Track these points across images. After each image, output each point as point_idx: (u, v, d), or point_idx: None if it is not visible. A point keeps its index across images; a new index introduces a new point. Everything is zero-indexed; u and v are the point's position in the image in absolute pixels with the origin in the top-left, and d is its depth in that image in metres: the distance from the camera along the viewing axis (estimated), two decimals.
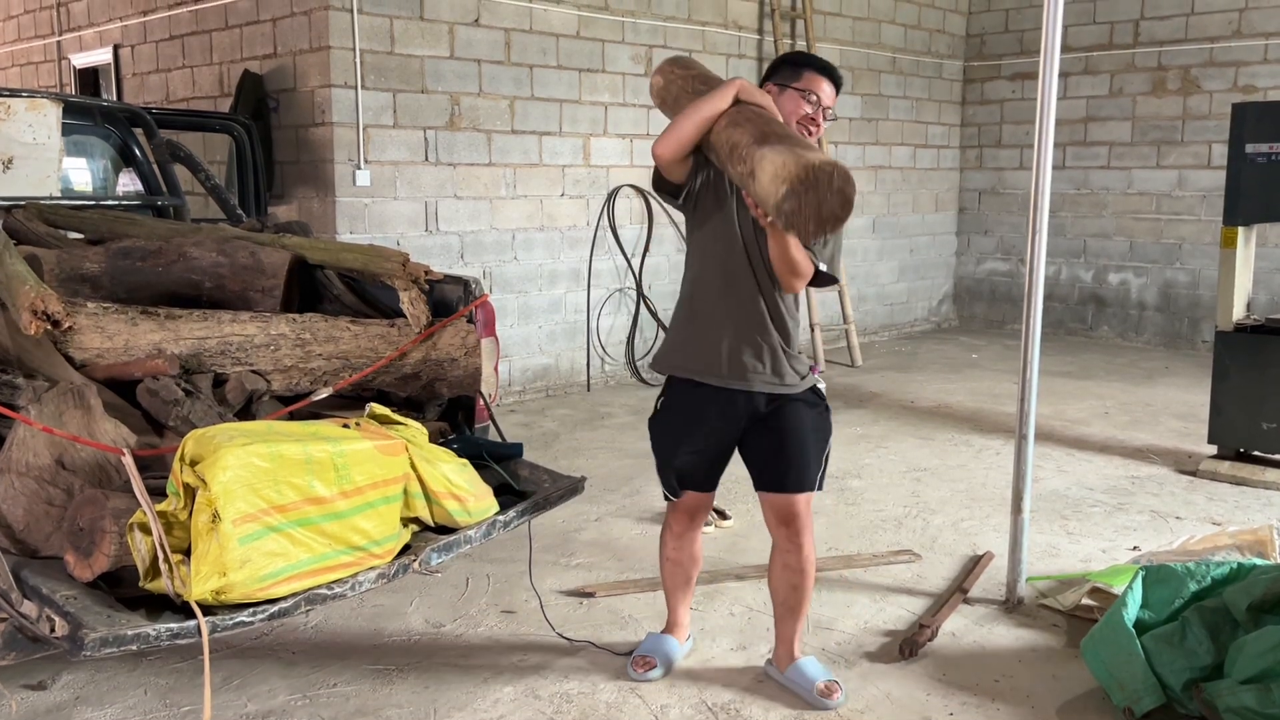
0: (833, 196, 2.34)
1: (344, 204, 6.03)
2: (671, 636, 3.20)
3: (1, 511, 2.30)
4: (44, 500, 2.32)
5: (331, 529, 2.43)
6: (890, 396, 7.10)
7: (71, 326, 2.42)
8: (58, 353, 2.68)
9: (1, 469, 2.34)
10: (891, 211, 9.54)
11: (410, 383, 3.08)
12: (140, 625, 2.14)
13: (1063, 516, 4.61)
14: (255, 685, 3.06)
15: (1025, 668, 3.20)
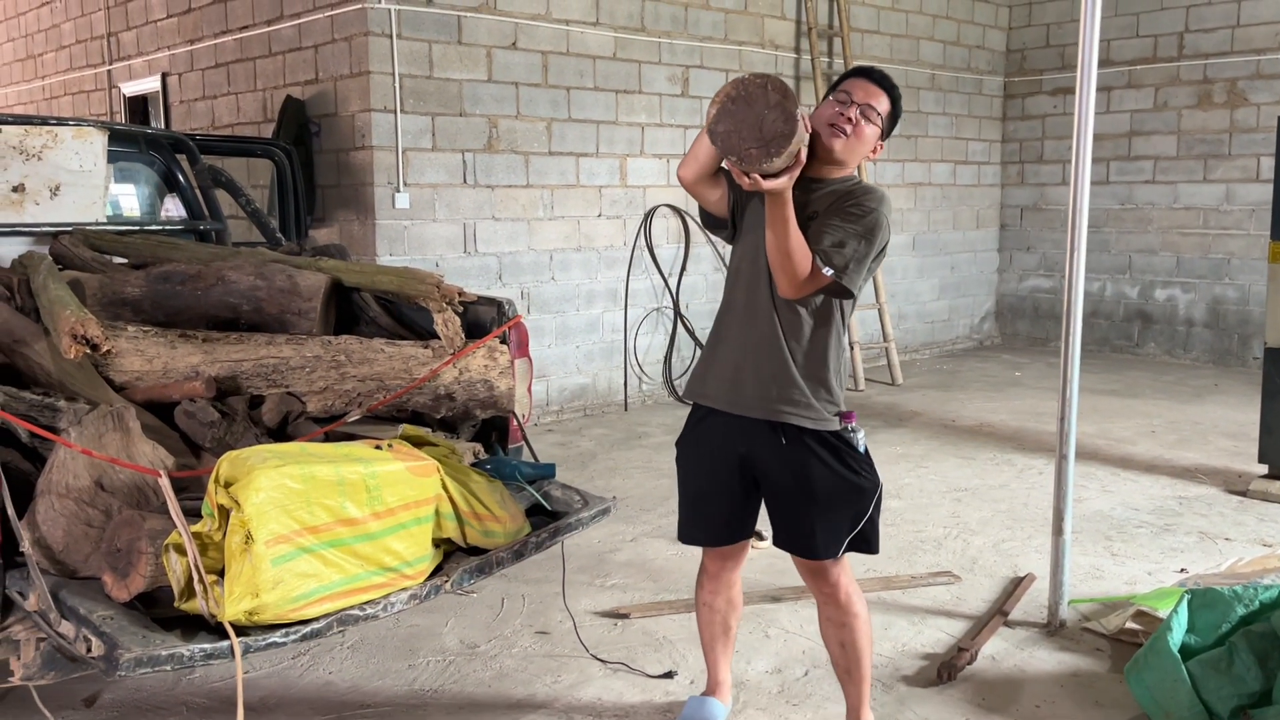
0: (770, 111, 2.19)
1: (384, 226, 6.10)
2: (714, 699, 2.94)
3: (42, 532, 2.34)
4: (83, 521, 2.35)
5: (364, 550, 2.44)
6: (931, 415, 7.03)
7: (111, 350, 2.47)
8: (99, 376, 2.73)
9: (42, 491, 2.38)
10: (931, 229, 9.47)
11: (444, 403, 3.10)
12: (174, 646, 2.16)
13: (1107, 538, 4.53)
14: (290, 706, 3.08)
15: (1066, 693, 3.14)
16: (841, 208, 2.49)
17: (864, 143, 2.52)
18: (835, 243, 2.44)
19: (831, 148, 2.50)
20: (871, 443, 2.74)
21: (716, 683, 2.96)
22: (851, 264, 2.44)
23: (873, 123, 2.52)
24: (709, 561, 2.85)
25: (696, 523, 2.78)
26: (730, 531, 2.76)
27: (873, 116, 2.52)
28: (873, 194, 2.54)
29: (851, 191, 2.54)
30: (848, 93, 2.52)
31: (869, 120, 2.51)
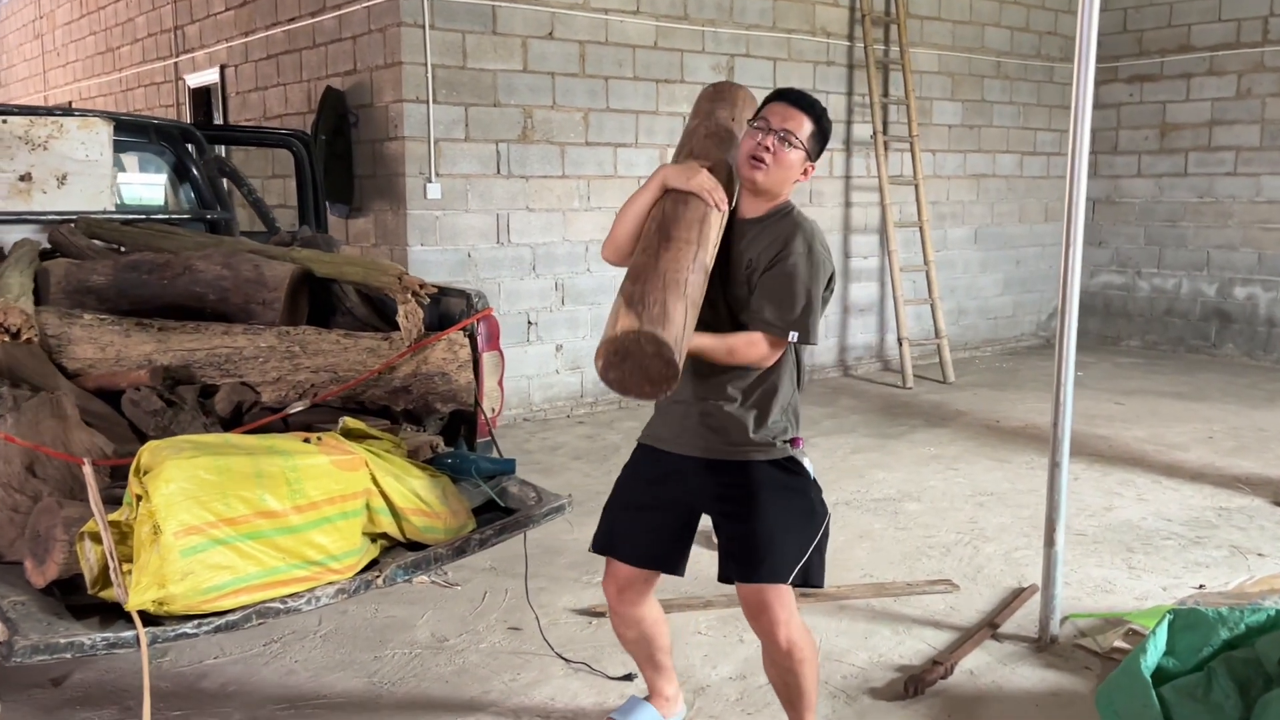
0: (651, 361, 2.17)
1: (415, 216, 6.13)
2: (651, 705, 2.85)
3: None
4: (9, 507, 2.39)
5: (285, 543, 2.43)
6: (976, 415, 6.79)
7: (30, 339, 2.51)
8: (49, 363, 2.78)
9: None
10: (995, 221, 9.15)
11: (400, 396, 3.08)
12: (75, 634, 2.18)
13: (1129, 549, 4.30)
14: (249, 695, 3.10)
15: (1041, 712, 2.98)
16: (776, 265, 2.44)
17: (786, 169, 2.46)
18: (784, 307, 2.43)
19: (753, 179, 2.47)
20: (908, 443, 2.68)
21: (655, 693, 2.88)
22: (808, 319, 2.44)
23: (794, 147, 2.45)
24: (613, 591, 2.68)
25: (626, 533, 2.66)
26: (657, 554, 2.65)
27: (793, 140, 2.45)
28: (801, 233, 2.47)
29: (783, 238, 2.46)
30: (765, 119, 2.47)
31: (789, 145, 2.44)
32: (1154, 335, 9.39)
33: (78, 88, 11.54)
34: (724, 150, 2.60)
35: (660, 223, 2.40)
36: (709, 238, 2.41)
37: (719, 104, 2.73)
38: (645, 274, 2.28)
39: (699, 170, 2.45)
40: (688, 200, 2.42)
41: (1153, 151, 9.26)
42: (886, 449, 5.86)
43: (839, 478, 5.29)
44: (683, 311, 2.25)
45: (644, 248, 2.38)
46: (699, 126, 2.68)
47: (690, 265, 2.31)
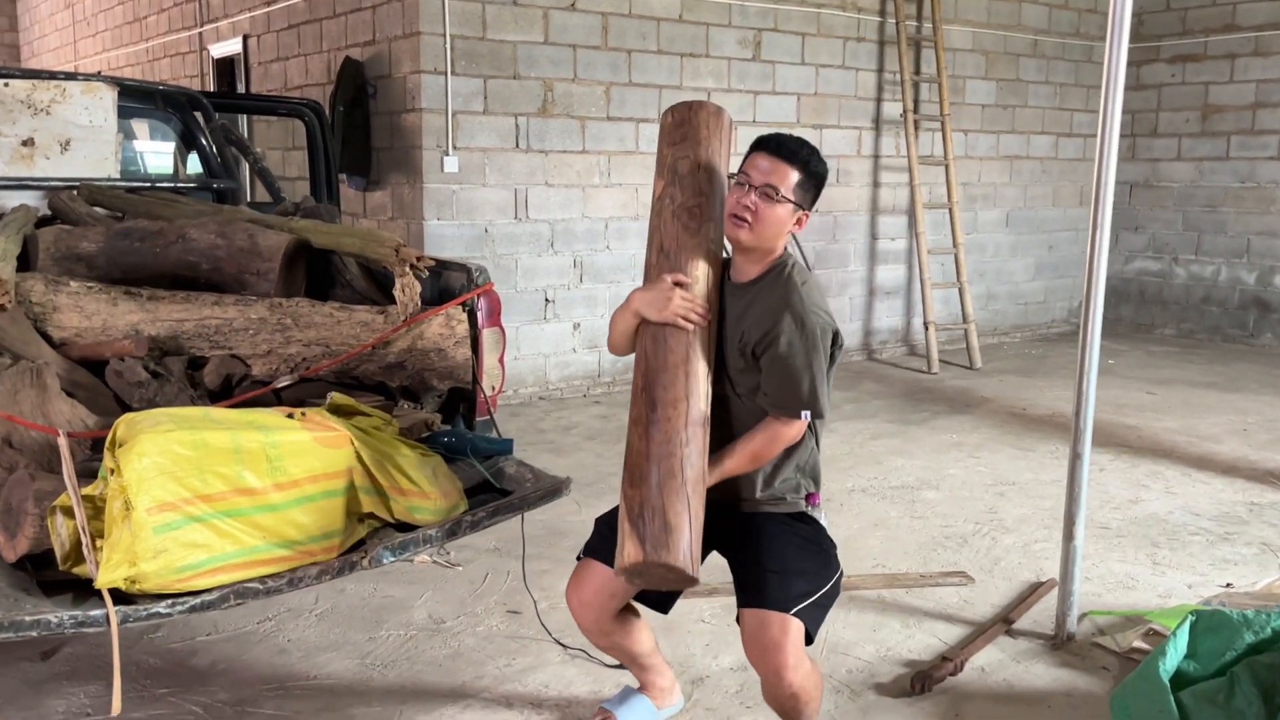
0: (667, 573, 2.19)
1: (431, 190, 6.04)
2: (643, 695, 2.75)
3: None
4: None
5: (264, 521, 2.36)
6: (1001, 402, 6.62)
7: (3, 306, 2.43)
8: (34, 331, 2.71)
9: None
10: (1028, 205, 8.93)
11: (396, 372, 2.99)
12: (42, 612, 2.11)
13: (1154, 544, 4.15)
14: (238, 673, 3.04)
15: (1053, 714, 2.85)
16: (770, 349, 2.32)
17: (772, 225, 2.32)
18: (789, 391, 2.32)
19: (737, 239, 2.36)
20: (930, 430, 2.56)
21: (647, 685, 2.76)
22: (816, 396, 2.34)
23: (779, 202, 2.31)
24: (577, 601, 2.53)
25: (596, 540, 2.54)
26: None
27: (776, 196, 2.30)
28: (789, 309, 2.32)
29: (773, 314, 2.33)
30: (747, 174, 2.33)
31: (772, 200, 2.30)
32: (1190, 324, 9.15)
33: (106, 58, 11.53)
34: (699, 226, 2.39)
35: (645, 379, 2.33)
36: (697, 371, 2.31)
37: (681, 148, 2.47)
38: (639, 469, 2.24)
39: (670, 293, 2.32)
40: (666, 337, 2.32)
41: (1194, 134, 8.99)
42: (907, 435, 5.72)
43: (856, 464, 5.16)
44: (684, 506, 2.20)
45: (634, 420, 2.32)
46: (664, 196, 2.46)
47: (683, 435, 2.25)
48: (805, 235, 7.46)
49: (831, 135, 7.56)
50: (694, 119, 2.49)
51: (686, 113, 2.50)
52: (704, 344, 2.34)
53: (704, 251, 2.39)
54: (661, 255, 2.39)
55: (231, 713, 2.82)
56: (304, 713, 2.82)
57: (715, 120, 2.50)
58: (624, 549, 2.19)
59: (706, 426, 2.30)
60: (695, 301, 2.34)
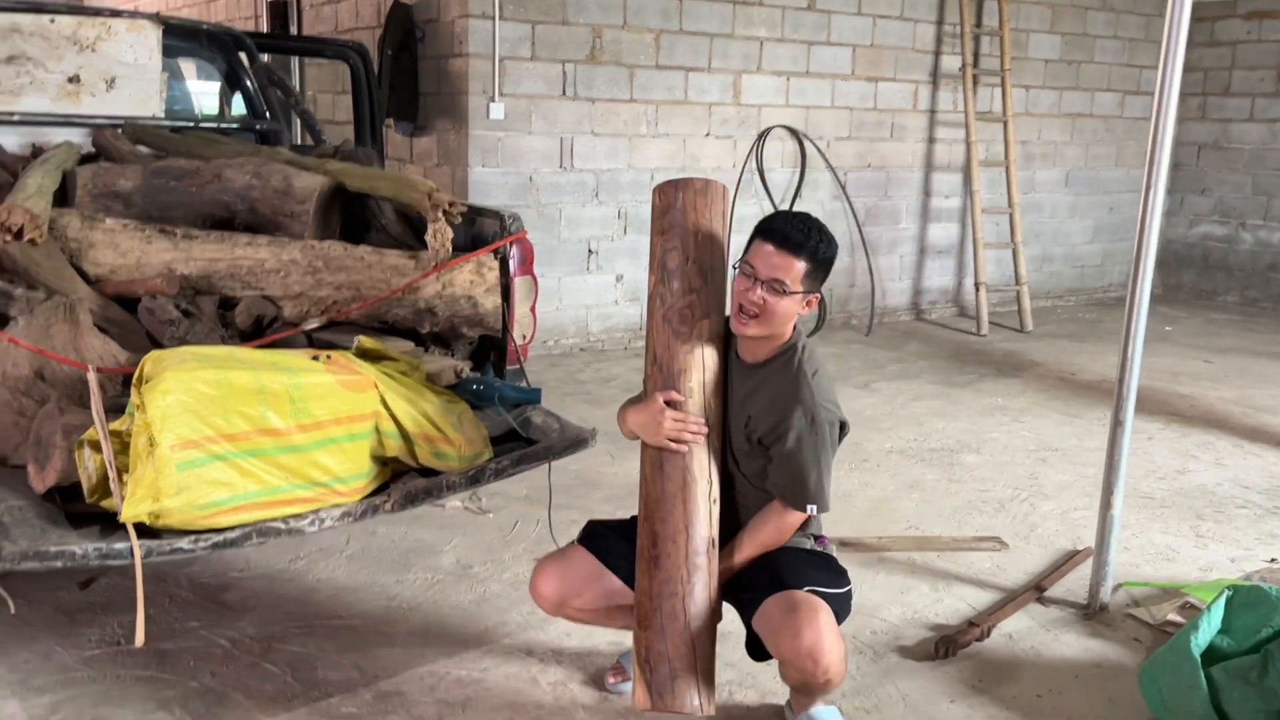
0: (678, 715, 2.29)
1: (477, 137, 6.01)
2: None
3: None
4: (14, 410, 2.36)
5: (287, 462, 2.37)
6: (1050, 366, 6.49)
7: (35, 240, 2.45)
8: (69, 267, 2.73)
9: None
10: (1089, 165, 8.68)
11: (426, 318, 2.98)
12: (68, 543, 2.14)
13: (1199, 516, 4.04)
14: (267, 610, 3.09)
15: (1080, 685, 2.80)
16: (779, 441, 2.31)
17: (780, 317, 2.30)
18: (797, 484, 2.33)
19: (744, 333, 2.34)
20: (974, 392, 2.53)
21: None
22: (821, 491, 2.35)
23: (785, 294, 2.27)
24: (550, 587, 2.48)
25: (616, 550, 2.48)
26: (611, 553, 2.49)
27: (781, 289, 2.26)
28: (800, 403, 2.30)
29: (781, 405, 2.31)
30: (752, 266, 2.29)
31: (778, 293, 2.26)
32: (1254, 291, 8.88)
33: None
34: (691, 330, 2.32)
35: (646, 509, 2.32)
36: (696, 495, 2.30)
37: (668, 239, 2.34)
38: (644, 610, 2.27)
39: (660, 417, 2.30)
40: (663, 462, 2.31)
41: (1268, 94, 8.65)
42: (950, 397, 5.63)
43: (896, 425, 5.09)
44: (689, 649, 2.26)
45: (640, 551, 2.32)
46: (655, 295, 2.37)
47: (684, 571, 2.27)
48: (855, 191, 7.34)
49: (887, 89, 7.39)
50: (678, 202, 2.35)
51: (672, 195, 2.37)
52: (703, 460, 2.32)
53: (699, 357, 2.33)
54: (655, 366, 2.34)
55: (258, 648, 2.86)
56: (328, 651, 2.86)
57: (702, 200, 2.37)
58: (635, 692, 2.29)
59: (713, 549, 2.31)
60: (688, 420, 2.31)
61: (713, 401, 2.33)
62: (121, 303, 2.79)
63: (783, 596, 2.28)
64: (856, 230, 7.35)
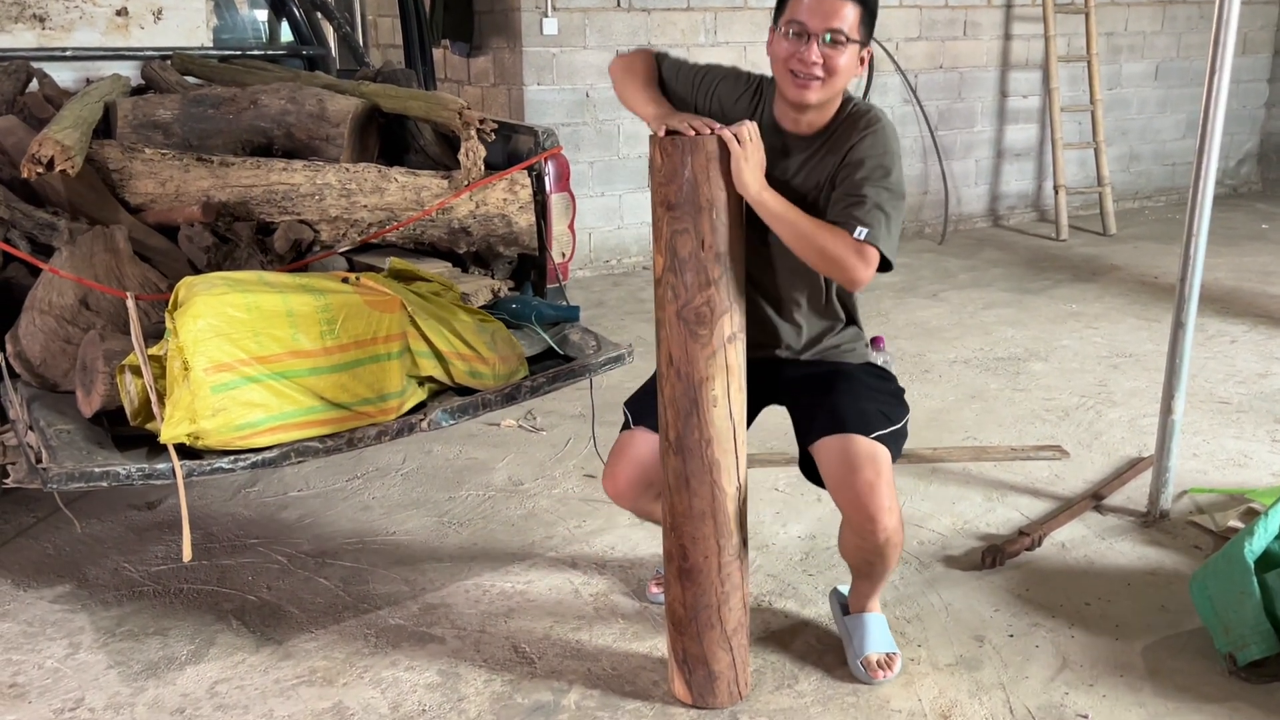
0: None
1: (530, 54, 5.94)
2: None
3: (22, 346, 2.45)
4: (61, 338, 2.44)
5: (319, 383, 2.41)
6: (1132, 270, 6.24)
7: (65, 171, 2.50)
8: (111, 197, 2.80)
9: (27, 306, 2.49)
10: (1182, 54, 8.21)
11: (461, 238, 2.98)
12: (111, 463, 2.22)
13: (1277, 420, 3.88)
14: (322, 527, 3.18)
15: (1131, 593, 2.74)
16: (851, 168, 2.09)
17: (844, 75, 2.07)
18: (853, 201, 2.06)
19: (804, 101, 2.08)
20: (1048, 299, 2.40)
21: None
22: (882, 223, 2.05)
23: (845, 44, 2.03)
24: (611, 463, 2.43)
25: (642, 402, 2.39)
26: None
27: (842, 39, 2.03)
28: (874, 127, 2.11)
29: (860, 144, 2.10)
30: (801, 23, 2.03)
31: (841, 46, 2.03)
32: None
33: None
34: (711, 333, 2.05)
35: (673, 519, 2.18)
36: (727, 509, 2.15)
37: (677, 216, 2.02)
38: (678, 617, 2.23)
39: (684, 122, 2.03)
40: (688, 479, 2.12)
41: None
42: (1023, 305, 5.46)
43: (962, 334, 4.97)
44: (726, 652, 2.24)
45: (668, 554, 2.23)
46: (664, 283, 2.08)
47: (717, 583, 2.19)
48: (926, 94, 7.08)
49: None
50: (686, 170, 1.98)
51: (679, 160, 1.98)
52: (731, 469, 2.14)
53: (721, 361, 2.08)
54: (671, 369, 2.09)
55: (312, 563, 2.96)
56: (379, 565, 2.95)
57: (715, 168, 1.99)
58: (674, 685, 2.30)
59: (744, 549, 2.23)
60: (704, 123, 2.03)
61: (737, 406, 2.14)
62: (163, 231, 2.84)
63: (843, 443, 2.18)
64: (929, 135, 7.11)
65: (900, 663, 2.40)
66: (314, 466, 3.49)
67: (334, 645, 2.56)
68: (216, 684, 2.41)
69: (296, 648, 2.55)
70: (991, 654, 2.49)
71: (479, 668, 2.46)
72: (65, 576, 2.87)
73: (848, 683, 2.38)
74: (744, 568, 2.25)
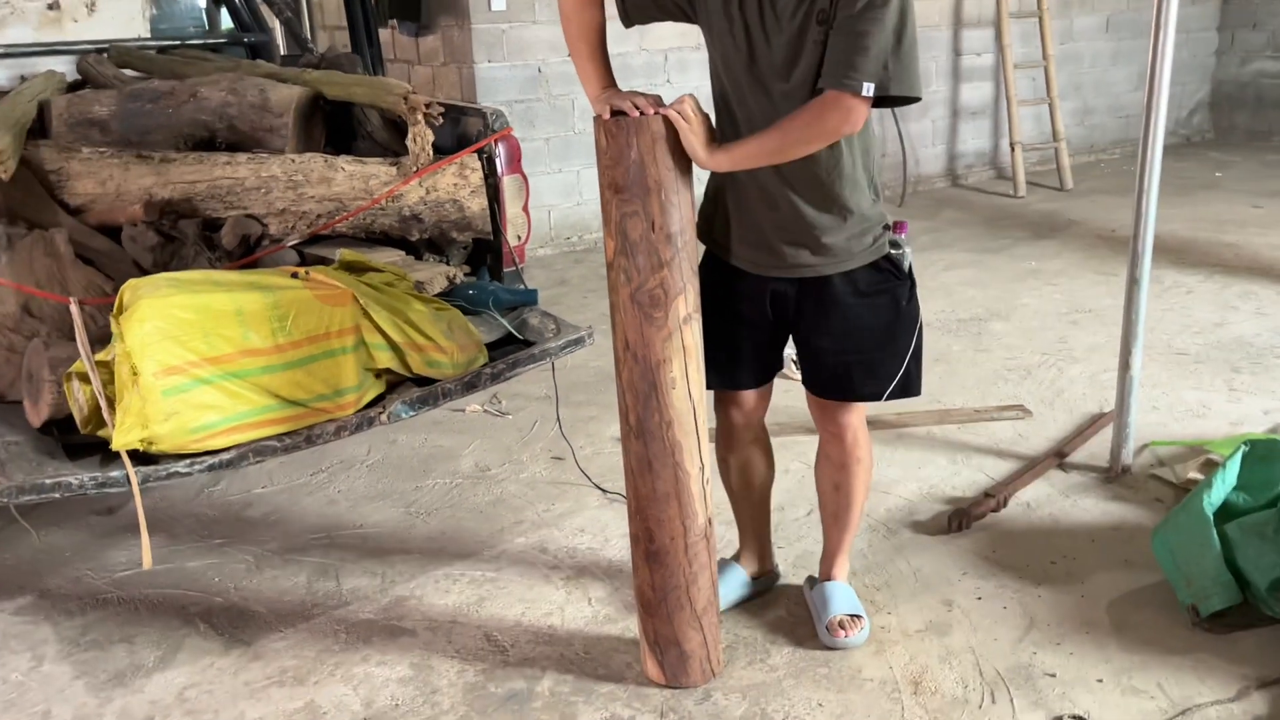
0: None
1: (480, 31, 5.86)
2: (736, 565, 2.62)
3: None
4: (5, 347, 2.40)
5: (273, 382, 2.38)
6: (1089, 225, 6.28)
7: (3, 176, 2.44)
8: (50, 199, 2.73)
9: None
10: (1132, 6, 8.23)
11: (412, 225, 2.94)
12: (63, 474, 2.18)
13: (1234, 369, 3.93)
14: (290, 523, 3.15)
15: (1095, 549, 2.77)
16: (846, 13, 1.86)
17: None
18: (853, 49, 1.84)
19: None
20: (1008, 258, 2.34)
21: (741, 548, 2.66)
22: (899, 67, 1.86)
23: None
24: (730, 409, 2.42)
25: (718, 365, 2.30)
26: (757, 375, 2.36)
27: None
28: None
29: None
30: None
31: None
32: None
33: None
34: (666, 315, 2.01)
35: (636, 502, 2.16)
36: (690, 490, 2.14)
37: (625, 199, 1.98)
38: (646, 598, 2.23)
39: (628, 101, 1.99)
40: (650, 461, 2.10)
41: None
42: (983, 264, 5.48)
43: (926, 297, 4.84)
44: (697, 630, 2.23)
45: (634, 536, 2.21)
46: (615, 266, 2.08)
47: (684, 562, 2.17)
48: None
49: None
50: (632, 151, 1.92)
51: (624, 142, 1.93)
52: (693, 449, 2.12)
53: (677, 343, 2.04)
54: (628, 353, 2.05)
55: (279, 560, 2.93)
56: (347, 559, 2.92)
57: (662, 147, 1.93)
58: (647, 665, 2.30)
59: (710, 526, 2.21)
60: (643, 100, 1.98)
61: (696, 386, 2.10)
62: (105, 231, 2.79)
63: (834, 409, 2.31)
64: None
65: (867, 625, 2.42)
66: (277, 462, 3.45)
67: (304, 643, 2.54)
68: (186, 689, 2.38)
69: (266, 648, 2.53)
70: (960, 618, 2.51)
71: (451, 659, 2.45)
72: (26, 587, 2.82)
73: (820, 652, 2.39)
74: (711, 547, 2.25)
